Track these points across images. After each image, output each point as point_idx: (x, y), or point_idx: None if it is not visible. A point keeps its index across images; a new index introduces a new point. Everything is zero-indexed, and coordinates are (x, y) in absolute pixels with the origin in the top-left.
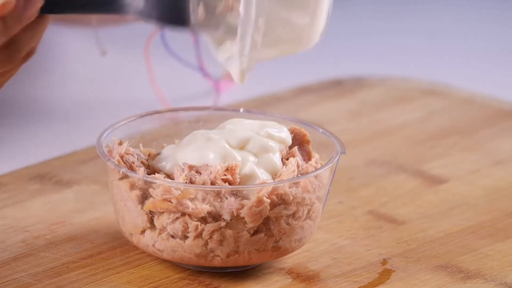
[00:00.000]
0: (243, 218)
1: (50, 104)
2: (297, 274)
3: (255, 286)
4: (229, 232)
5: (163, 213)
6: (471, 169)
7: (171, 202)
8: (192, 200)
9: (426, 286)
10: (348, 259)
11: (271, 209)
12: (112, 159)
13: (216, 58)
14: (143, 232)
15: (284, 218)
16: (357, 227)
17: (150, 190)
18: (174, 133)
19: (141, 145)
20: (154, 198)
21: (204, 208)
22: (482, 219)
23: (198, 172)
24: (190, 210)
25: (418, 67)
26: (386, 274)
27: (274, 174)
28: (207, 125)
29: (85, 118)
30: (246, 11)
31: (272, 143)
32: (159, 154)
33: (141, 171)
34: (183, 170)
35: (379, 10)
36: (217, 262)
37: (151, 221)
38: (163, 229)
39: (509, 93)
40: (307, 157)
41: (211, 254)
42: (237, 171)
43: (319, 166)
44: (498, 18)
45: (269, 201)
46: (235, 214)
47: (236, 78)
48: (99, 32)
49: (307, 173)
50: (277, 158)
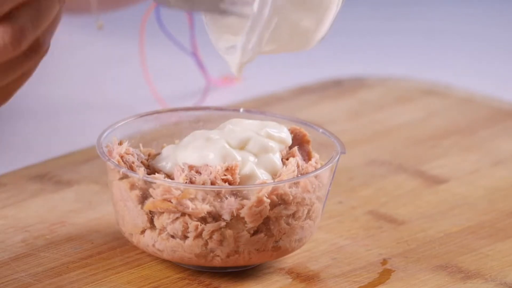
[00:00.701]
0: (243, 218)
1: (50, 104)
2: (297, 274)
3: (255, 286)
4: (229, 232)
5: (163, 213)
6: (471, 169)
7: (171, 202)
8: (192, 200)
9: (426, 286)
10: (348, 259)
11: (271, 209)
12: (112, 159)
13: (215, 45)
14: (143, 232)
15: (284, 218)
16: (357, 227)
17: (150, 190)
18: (174, 133)
19: (141, 145)
20: (154, 198)
21: (204, 208)
22: (482, 219)
23: (198, 172)
24: (190, 210)
25: (418, 67)
26: (386, 274)
27: (274, 174)
28: (207, 125)
29: (85, 118)
30: (260, 9)
31: (272, 143)
32: (159, 154)
33: (141, 171)
34: (183, 170)
35: (379, 10)
36: (217, 262)
37: (151, 221)
38: (163, 229)
39: (509, 93)
40: (307, 157)
41: (211, 254)
42: (237, 171)
43: (319, 166)
44: (498, 18)
45: (269, 201)
46: (235, 214)
47: (234, 69)
48: (100, 17)
49: (307, 173)
50: (277, 158)
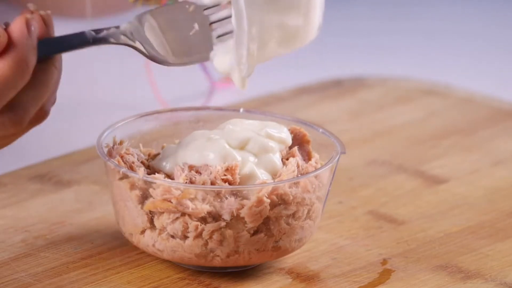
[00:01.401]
0: (243, 218)
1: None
2: (297, 274)
3: (255, 286)
4: (229, 232)
5: (163, 213)
6: (471, 169)
7: (171, 202)
8: (192, 200)
9: (426, 286)
10: (348, 259)
11: (271, 209)
12: (112, 159)
13: (216, 68)
14: (143, 232)
15: (284, 218)
16: (357, 227)
17: (150, 190)
18: (174, 133)
19: (141, 145)
20: (154, 198)
21: (204, 208)
22: (482, 219)
23: (198, 172)
24: (190, 210)
25: (418, 67)
26: (386, 274)
27: (274, 174)
28: (207, 125)
29: (85, 118)
30: (238, 24)
31: (272, 143)
32: (159, 154)
33: (141, 171)
34: (183, 170)
35: (379, 10)
36: (217, 262)
37: (151, 221)
38: (163, 229)
39: (509, 93)
40: (307, 157)
41: (211, 254)
42: (237, 171)
43: (319, 166)
44: (498, 18)
45: (269, 201)
46: (235, 214)
47: (238, 85)
48: (94, 23)
49: (307, 173)
50: (277, 158)
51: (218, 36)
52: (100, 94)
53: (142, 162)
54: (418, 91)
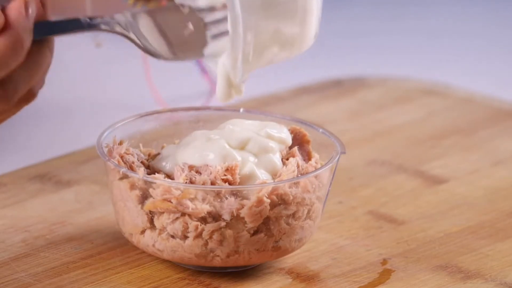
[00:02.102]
0: (243, 218)
1: (49, 104)
2: (297, 274)
3: (255, 286)
4: (229, 232)
5: (163, 213)
6: (471, 169)
7: (171, 202)
8: (192, 200)
9: (426, 286)
10: (348, 259)
11: (271, 209)
12: (112, 159)
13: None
14: (143, 232)
15: (284, 218)
16: (357, 227)
17: (150, 190)
18: (174, 133)
19: (141, 145)
20: (154, 198)
21: (204, 208)
22: (482, 219)
23: (198, 172)
24: (190, 210)
25: (418, 67)
26: (386, 274)
27: (274, 174)
28: (207, 125)
29: (84, 118)
30: (233, 29)
31: (272, 144)
32: (159, 154)
33: (141, 171)
34: (183, 170)
35: (379, 10)
36: (217, 262)
37: (151, 221)
38: (163, 229)
39: (509, 93)
40: (307, 157)
41: (211, 254)
42: (237, 171)
43: (319, 166)
44: (498, 18)
45: (269, 201)
46: (235, 214)
47: (219, 94)
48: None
49: (307, 173)
50: (277, 158)
51: (213, 35)
52: (100, 94)
53: (142, 162)
54: (418, 91)
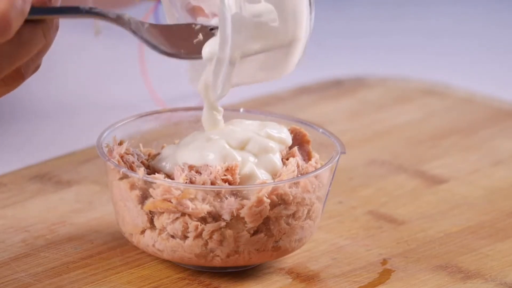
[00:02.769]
0: (243, 218)
1: (49, 104)
2: (297, 274)
3: (255, 286)
4: (229, 232)
5: (163, 213)
6: (471, 169)
7: (171, 202)
8: (192, 200)
9: (426, 286)
10: (348, 259)
11: (271, 209)
12: (112, 159)
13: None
14: (143, 232)
15: (284, 218)
16: (357, 227)
17: (150, 190)
18: (174, 133)
19: (141, 145)
20: (154, 198)
21: (204, 208)
22: (482, 219)
23: (198, 172)
24: (190, 210)
25: (418, 67)
26: (386, 274)
27: (274, 174)
28: None
29: (84, 118)
30: (221, 47)
31: (272, 144)
32: (159, 154)
33: (141, 171)
34: (183, 170)
35: (379, 10)
36: (217, 262)
37: (151, 221)
38: (163, 229)
39: (509, 93)
40: (307, 157)
41: (211, 254)
42: (237, 171)
43: (319, 166)
44: (498, 18)
45: (269, 201)
46: (235, 214)
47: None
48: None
49: (307, 173)
50: (277, 159)
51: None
52: (100, 94)
53: (142, 162)
54: (418, 91)
